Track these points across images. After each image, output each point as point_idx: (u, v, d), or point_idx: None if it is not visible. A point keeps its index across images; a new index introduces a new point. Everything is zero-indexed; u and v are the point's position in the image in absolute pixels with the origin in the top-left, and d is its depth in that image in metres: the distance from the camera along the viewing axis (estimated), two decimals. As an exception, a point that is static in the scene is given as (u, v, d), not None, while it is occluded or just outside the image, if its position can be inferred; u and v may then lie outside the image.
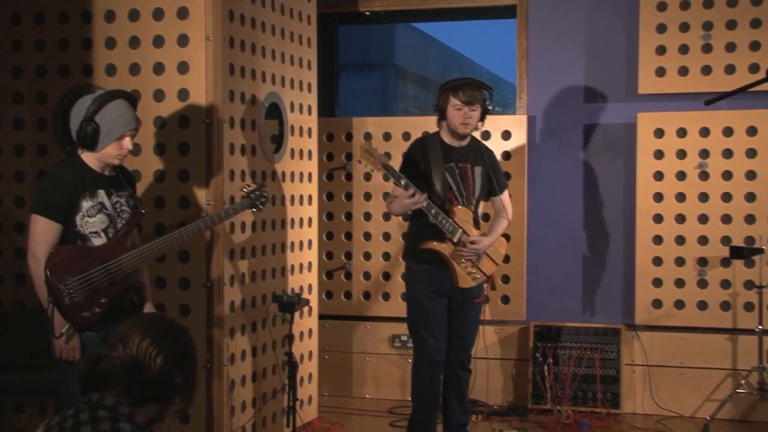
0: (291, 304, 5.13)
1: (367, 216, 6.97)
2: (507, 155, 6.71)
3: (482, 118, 5.15)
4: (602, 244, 6.76)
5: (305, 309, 6.03)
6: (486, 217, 6.10)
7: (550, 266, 6.81)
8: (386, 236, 6.87)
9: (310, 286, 6.20)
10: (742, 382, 6.04)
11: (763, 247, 6.12)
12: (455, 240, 5.06)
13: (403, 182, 4.85)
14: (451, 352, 5.26)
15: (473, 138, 5.24)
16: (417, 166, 5.09)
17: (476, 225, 5.19)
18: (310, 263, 6.19)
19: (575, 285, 6.82)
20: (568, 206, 6.81)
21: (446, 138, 5.17)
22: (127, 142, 4.12)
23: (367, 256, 6.99)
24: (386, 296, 6.91)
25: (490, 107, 5.17)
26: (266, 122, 5.56)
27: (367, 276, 6.99)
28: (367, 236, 6.99)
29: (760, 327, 6.01)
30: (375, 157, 4.85)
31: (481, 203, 5.35)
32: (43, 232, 4.02)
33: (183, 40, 4.99)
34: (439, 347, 5.16)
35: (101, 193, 4.14)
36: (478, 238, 5.11)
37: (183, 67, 5.01)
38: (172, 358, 2.68)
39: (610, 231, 6.73)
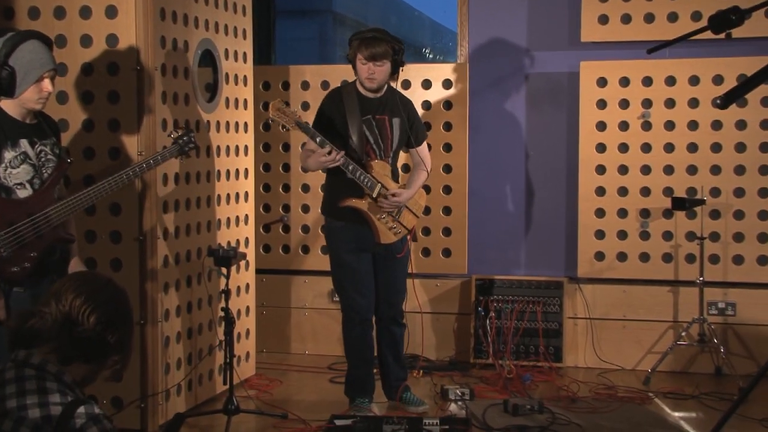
0: (227, 258, 5.10)
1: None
2: (448, 104, 6.75)
3: (394, 72, 5.16)
4: (545, 195, 6.81)
5: (242, 263, 6.02)
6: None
7: (492, 219, 6.87)
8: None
9: (246, 239, 6.18)
10: (683, 333, 6.15)
11: (705, 198, 6.23)
12: (374, 195, 5.10)
13: (318, 140, 4.89)
14: (381, 309, 5.34)
15: (390, 88, 5.26)
16: (332, 120, 5.12)
17: (395, 178, 5.23)
18: (246, 216, 6.18)
19: (517, 238, 6.88)
20: (510, 157, 6.86)
21: (362, 89, 5.19)
22: (47, 84, 4.02)
23: (305, 208, 7.01)
24: (325, 250, 6.75)
25: (402, 60, 5.17)
26: (200, 70, 5.52)
27: (305, 229, 7.02)
28: (305, 188, 7.00)
29: (701, 279, 6.12)
30: (287, 116, 4.88)
31: (400, 154, 5.40)
32: (-36, 185, 3.81)
33: (110, -17, 4.76)
34: (367, 305, 5.22)
35: (24, 143, 4.05)
36: (398, 191, 5.15)
37: (111, 11, 4.94)
38: (106, 316, 2.67)
39: (553, 182, 6.78)
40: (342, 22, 8.50)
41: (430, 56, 7.11)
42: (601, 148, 6.56)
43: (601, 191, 6.59)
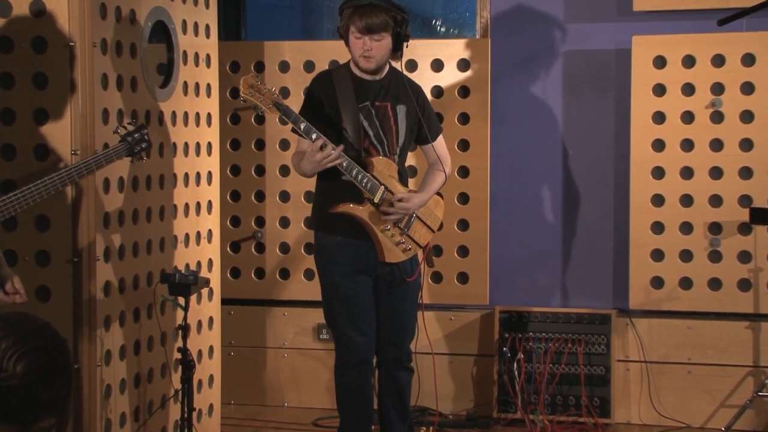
0: (185, 285, 5.14)
1: (284, 170, 6.96)
2: (464, 91, 6.74)
3: (396, 48, 5.20)
4: (587, 206, 6.83)
5: (204, 291, 6.02)
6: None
7: (521, 234, 6.90)
8: (309, 196, 6.75)
9: (210, 261, 6.19)
10: (766, 382, 6.11)
11: (792, 209, 6.02)
12: (377, 200, 5.13)
13: (303, 126, 4.94)
14: (384, 349, 5.36)
15: (393, 69, 5.29)
16: (322, 110, 5.15)
17: (402, 181, 5.28)
18: (210, 232, 6.18)
19: (553, 259, 6.90)
20: (544, 157, 6.89)
21: (357, 71, 5.22)
22: None
23: (284, 222, 7.02)
24: (309, 274, 6.92)
25: (406, 33, 5.20)
26: (150, 47, 5.49)
27: (284, 248, 7.02)
28: (284, 196, 7.01)
29: (789, 311, 5.90)
30: (263, 95, 4.90)
31: (408, 154, 5.45)
32: None
33: (35, -64, 4.77)
34: (366, 343, 5.25)
35: None
36: (406, 195, 5.18)
37: (36, -29, 4.80)
38: (39, 366, 2.60)
39: (597, 189, 6.80)
40: (331, -14, 8.38)
41: (442, 30, 7.06)
42: (658, 145, 6.53)
43: (658, 200, 6.56)
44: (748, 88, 6.44)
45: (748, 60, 6.42)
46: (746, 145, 6.44)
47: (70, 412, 2.73)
